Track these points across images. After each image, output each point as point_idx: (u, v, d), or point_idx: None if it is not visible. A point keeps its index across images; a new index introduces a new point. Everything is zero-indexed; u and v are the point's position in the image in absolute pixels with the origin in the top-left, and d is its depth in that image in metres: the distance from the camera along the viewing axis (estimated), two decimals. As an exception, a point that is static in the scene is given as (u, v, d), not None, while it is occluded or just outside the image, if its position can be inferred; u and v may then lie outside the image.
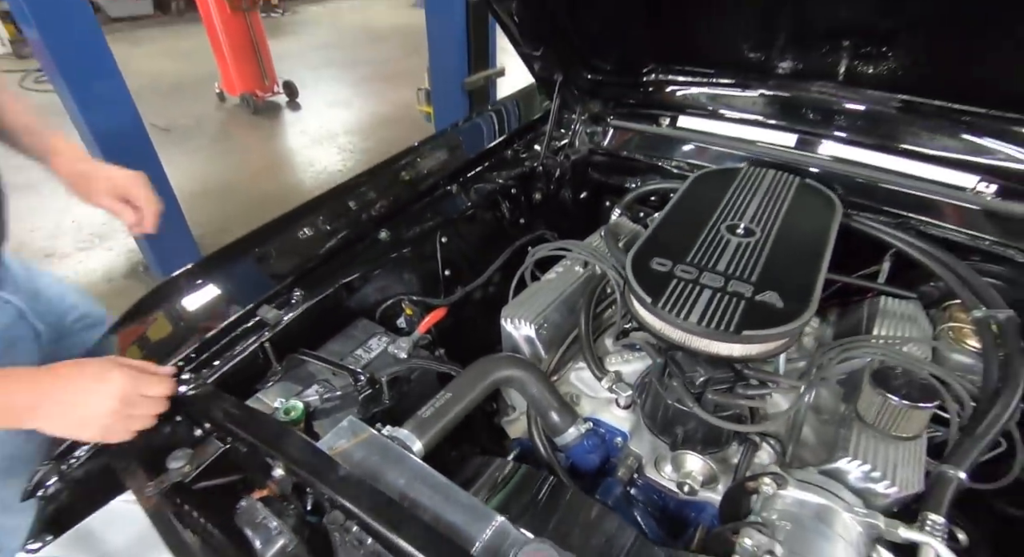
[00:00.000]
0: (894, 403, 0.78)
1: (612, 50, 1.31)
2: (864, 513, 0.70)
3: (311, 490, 0.74)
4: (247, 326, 0.95)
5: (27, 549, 0.72)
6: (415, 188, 1.29)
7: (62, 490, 0.77)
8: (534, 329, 1.01)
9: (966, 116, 1.04)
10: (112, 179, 0.98)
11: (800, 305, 0.80)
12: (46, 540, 0.73)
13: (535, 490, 0.78)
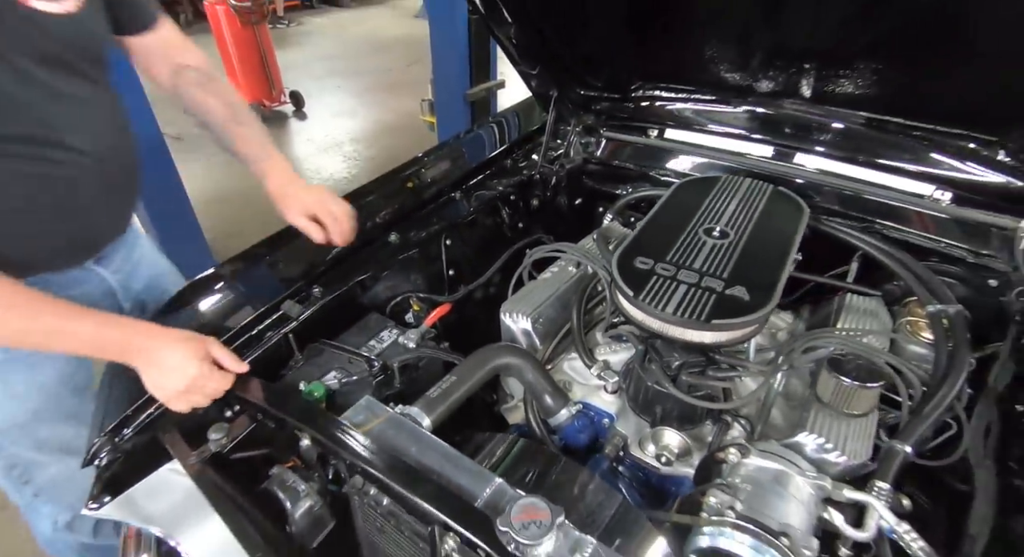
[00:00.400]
0: (846, 384, 0.89)
1: (603, 69, 1.42)
2: (814, 476, 0.80)
3: (334, 459, 0.85)
4: (272, 319, 1.06)
5: (88, 509, 0.83)
6: (422, 195, 1.40)
7: (115, 459, 0.88)
8: (530, 322, 1.12)
9: (919, 131, 1.15)
10: (303, 201, 1.09)
11: (764, 298, 0.91)
12: (103, 502, 0.83)
13: (531, 460, 0.88)
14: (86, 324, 0.82)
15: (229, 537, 0.91)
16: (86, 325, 0.82)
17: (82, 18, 0.91)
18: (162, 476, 0.89)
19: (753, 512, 0.76)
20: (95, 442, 0.87)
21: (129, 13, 1.04)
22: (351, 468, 0.80)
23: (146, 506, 0.88)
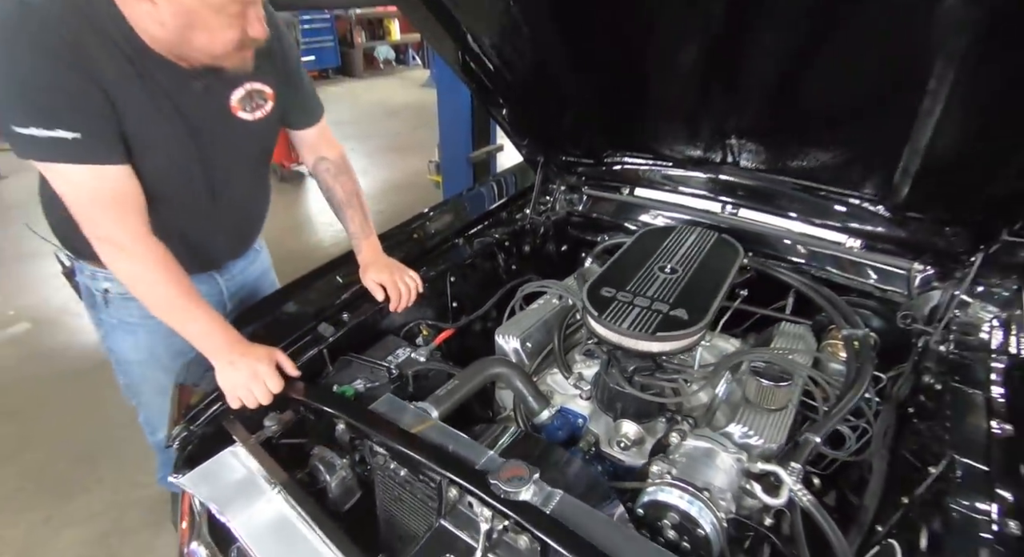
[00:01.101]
0: (764, 384, 1.13)
1: (580, 140, 1.74)
2: (735, 452, 1.03)
3: (360, 444, 1.08)
4: (310, 337, 1.31)
5: (172, 477, 1.06)
6: (431, 240, 1.68)
7: (190, 441, 1.11)
8: (520, 343, 1.37)
9: (827, 193, 1.44)
10: (380, 274, 1.40)
11: (699, 317, 1.16)
12: (184, 473, 1.06)
13: (518, 442, 1.11)
14: (196, 321, 1.09)
15: (269, 520, 1.14)
16: (196, 321, 1.09)
17: (268, 121, 1.26)
18: (224, 457, 1.12)
19: (685, 476, 0.98)
20: (176, 428, 1.11)
21: (299, 116, 1.38)
22: (372, 452, 1.04)
23: (209, 483, 1.11)
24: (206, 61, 1.06)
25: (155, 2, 0.94)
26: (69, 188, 1.00)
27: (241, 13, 1.00)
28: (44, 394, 2.49)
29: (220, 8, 0.96)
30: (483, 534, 0.88)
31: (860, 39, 0.98)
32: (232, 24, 1.00)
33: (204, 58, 1.05)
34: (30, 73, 0.92)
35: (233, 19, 0.99)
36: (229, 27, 1.00)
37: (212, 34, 1.00)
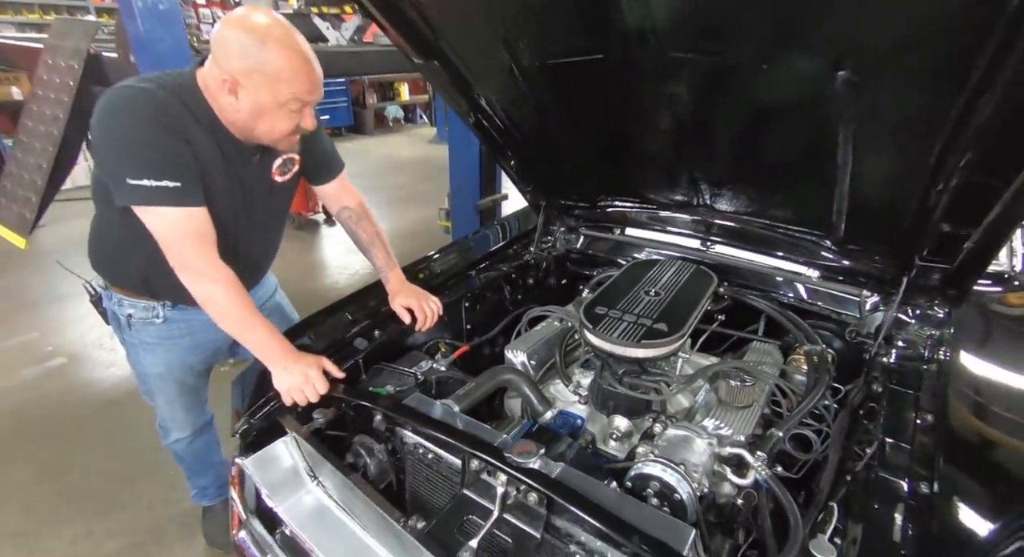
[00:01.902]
0: (732, 384, 1.35)
1: (577, 187, 2.01)
2: (707, 437, 1.24)
3: (395, 430, 1.28)
4: (348, 349, 1.53)
5: (238, 459, 1.26)
6: (447, 273, 1.92)
7: (251, 431, 1.32)
8: (526, 356, 1.59)
9: (786, 231, 1.69)
10: (407, 298, 1.63)
11: (677, 329, 1.39)
12: (247, 456, 1.26)
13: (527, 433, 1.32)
14: (258, 334, 1.31)
15: (311, 508, 1.34)
16: (258, 335, 1.31)
17: (293, 181, 1.56)
18: (279, 445, 1.33)
19: (665, 455, 1.19)
20: (241, 420, 1.32)
21: (321, 172, 1.65)
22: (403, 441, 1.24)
23: (269, 463, 1.31)
24: (264, 142, 1.35)
25: (238, 97, 1.24)
26: (165, 226, 1.25)
27: (299, 111, 1.28)
28: (82, 421, 2.67)
29: (284, 105, 1.25)
30: (499, 497, 1.07)
31: (789, 116, 1.27)
32: (291, 118, 1.28)
33: (264, 140, 1.34)
34: (145, 138, 1.20)
35: (293, 114, 1.28)
36: (288, 120, 1.28)
37: (274, 124, 1.29)
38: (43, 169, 2.83)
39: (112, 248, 1.48)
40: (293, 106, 1.26)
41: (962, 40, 0.84)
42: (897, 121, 1.07)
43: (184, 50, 2.50)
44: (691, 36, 1.12)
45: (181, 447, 1.85)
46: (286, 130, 1.31)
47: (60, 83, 2.86)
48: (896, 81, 0.98)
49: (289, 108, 1.26)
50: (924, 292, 1.44)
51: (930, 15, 0.85)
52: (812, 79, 1.07)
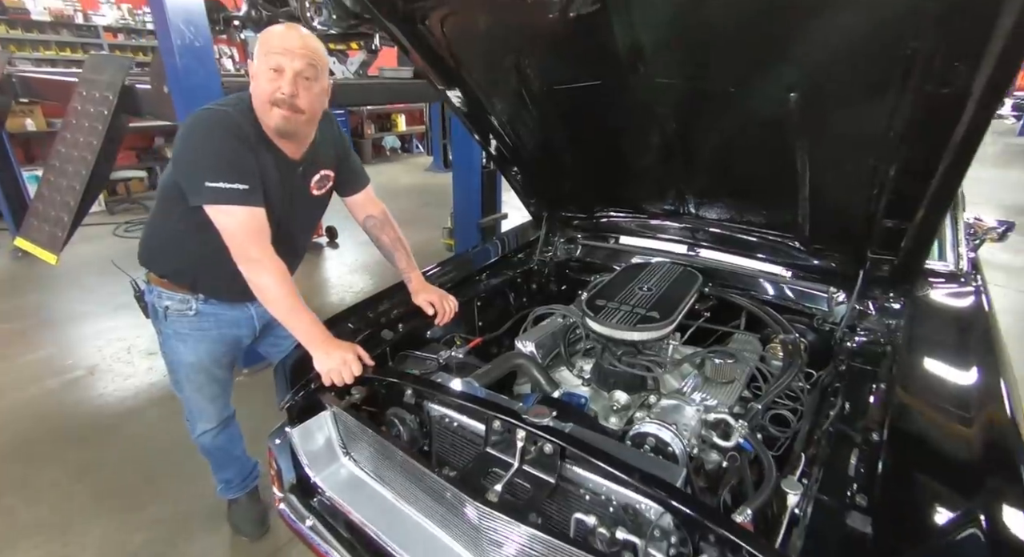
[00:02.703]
0: (716, 363, 1.55)
1: (576, 199, 2.25)
2: (696, 406, 1.43)
3: (425, 402, 1.46)
4: (377, 339, 1.72)
5: (287, 429, 1.43)
6: (459, 278, 2.12)
7: (295, 407, 1.50)
8: (534, 346, 1.79)
9: (761, 235, 1.92)
10: (428, 295, 1.83)
11: (667, 317, 1.59)
12: (294, 426, 1.44)
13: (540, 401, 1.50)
14: (303, 321, 1.49)
15: (344, 478, 1.52)
16: (303, 322, 1.49)
17: (327, 195, 1.78)
18: (320, 418, 1.51)
19: (659, 418, 1.38)
20: (287, 395, 1.50)
21: (348, 186, 1.86)
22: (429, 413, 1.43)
23: (310, 434, 1.49)
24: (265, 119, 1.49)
25: (256, 77, 1.46)
26: (233, 222, 1.45)
27: (279, 70, 1.43)
28: (106, 426, 2.81)
29: (263, 62, 1.43)
30: (519, 451, 1.26)
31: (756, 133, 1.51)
32: (272, 80, 1.44)
33: (262, 113, 1.49)
34: (222, 149, 1.42)
35: (273, 75, 1.43)
36: (268, 81, 1.45)
37: (259, 85, 1.46)
38: (76, 190, 3.04)
39: (166, 244, 1.67)
40: (271, 63, 1.43)
41: (881, 70, 1.08)
42: (838, 134, 1.31)
43: (215, 80, 2.75)
44: (673, 65, 1.36)
45: (207, 440, 1.99)
46: (267, 91, 1.45)
47: (95, 112, 3.10)
48: (834, 101, 1.21)
49: (268, 68, 1.43)
50: (879, 284, 1.66)
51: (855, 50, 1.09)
52: (770, 100, 1.31)
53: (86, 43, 6.85)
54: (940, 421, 1.28)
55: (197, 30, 2.65)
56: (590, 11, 1.14)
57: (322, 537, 1.48)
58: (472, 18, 1.45)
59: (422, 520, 1.44)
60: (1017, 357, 3.28)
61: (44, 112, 6.42)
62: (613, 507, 1.17)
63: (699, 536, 1.07)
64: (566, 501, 1.23)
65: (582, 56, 1.44)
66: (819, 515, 1.06)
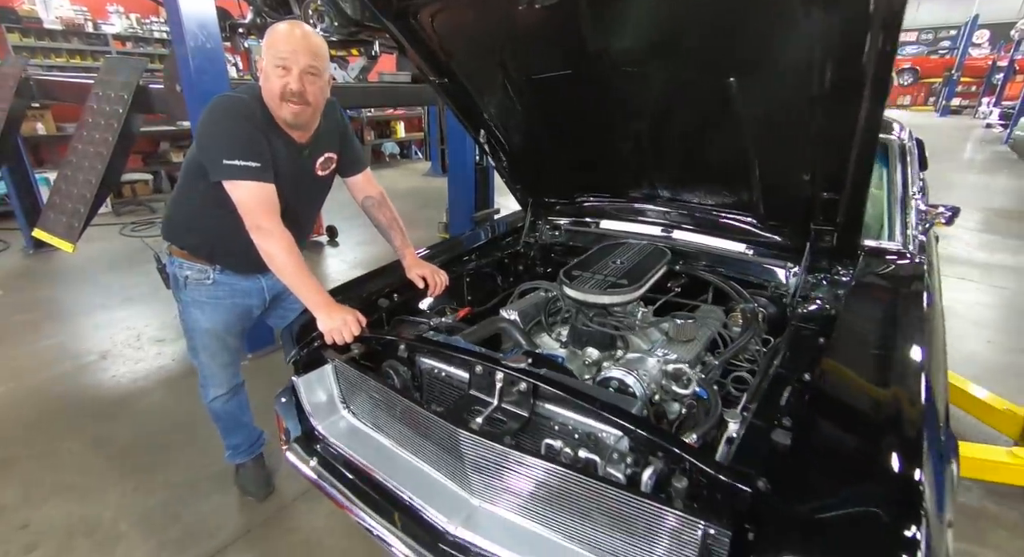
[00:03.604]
0: (677, 323, 1.73)
1: (558, 187, 2.44)
2: (658, 358, 1.61)
3: (417, 357, 1.64)
4: (373, 307, 1.90)
5: (294, 378, 1.61)
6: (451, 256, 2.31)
7: (300, 360, 1.68)
8: (517, 314, 1.97)
9: (726, 215, 2.11)
10: (421, 270, 2.01)
11: (634, 284, 1.78)
12: (300, 377, 1.62)
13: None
14: (308, 286, 1.67)
15: (344, 428, 1.70)
16: (308, 286, 1.67)
17: (330, 176, 1.97)
18: (321, 371, 1.69)
19: (624, 366, 1.56)
20: (293, 350, 1.68)
21: (350, 168, 2.04)
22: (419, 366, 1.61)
23: (314, 384, 1.67)
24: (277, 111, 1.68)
25: (266, 73, 1.64)
26: (246, 195, 1.64)
27: (286, 68, 1.62)
28: (119, 403, 2.98)
29: (271, 60, 1.62)
30: (498, 391, 1.44)
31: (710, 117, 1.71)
32: (280, 77, 1.63)
33: (274, 106, 1.67)
34: (238, 131, 1.61)
35: (281, 73, 1.62)
36: (277, 78, 1.64)
37: (268, 81, 1.65)
38: (92, 184, 3.23)
39: (188, 220, 1.85)
40: (278, 61, 1.62)
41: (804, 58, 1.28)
42: (772, 116, 1.51)
43: (224, 80, 2.96)
44: (634, 54, 1.56)
45: (219, 405, 2.17)
46: (276, 87, 1.64)
47: (110, 111, 3.30)
48: (765, 87, 1.41)
49: (276, 66, 1.63)
50: (825, 255, 1.84)
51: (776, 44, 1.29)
52: (714, 85, 1.50)
53: (95, 51, 7.08)
54: (861, 368, 1.46)
55: (209, 34, 2.86)
56: (553, 3, 1.33)
57: (324, 478, 1.65)
58: (456, 13, 1.65)
59: (414, 460, 1.62)
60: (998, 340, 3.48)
61: (54, 117, 6.65)
62: (578, 435, 1.35)
63: (650, 453, 1.25)
64: (538, 432, 1.41)
65: (554, 46, 1.64)
66: (750, 433, 1.25)
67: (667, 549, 1.16)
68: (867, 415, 1.29)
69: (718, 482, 1.13)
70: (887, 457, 1.11)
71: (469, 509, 1.44)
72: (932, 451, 1.15)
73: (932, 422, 1.25)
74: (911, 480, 1.04)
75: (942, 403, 1.40)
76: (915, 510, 0.97)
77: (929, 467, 1.09)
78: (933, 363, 1.49)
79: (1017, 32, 15.36)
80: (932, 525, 0.98)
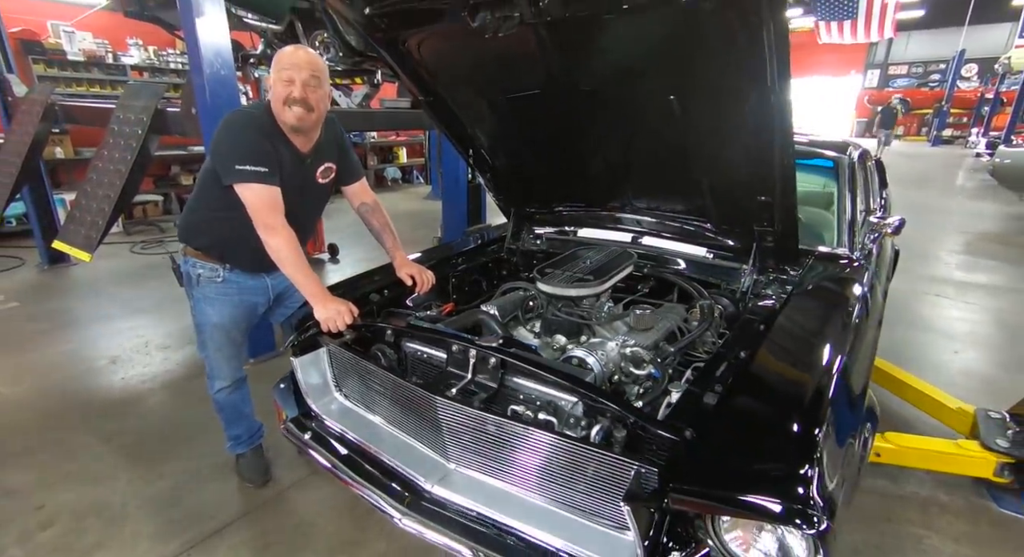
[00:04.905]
0: (637, 313, 1.94)
1: (538, 197, 2.67)
2: (617, 343, 1.81)
3: (403, 342, 1.84)
4: (366, 301, 2.11)
5: (293, 358, 1.81)
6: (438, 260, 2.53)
7: (298, 344, 1.88)
8: (496, 309, 2.17)
9: (689, 223, 2.33)
10: (409, 269, 2.23)
11: (600, 281, 1.99)
12: (298, 359, 1.82)
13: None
14: (307, 278, 1.88)
15: (337, 408, 1.89)
16: (307, 278, 1.88)
17: (329, 183, 2.20)
18: (319, 353, 1.89)
19: (586, 348, 1.76)
20: (292, 335, 1.89)
21: (347, 177, 2.28)
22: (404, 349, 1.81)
23: (310, 365, 1.86)
24: (281, 116, 1.91)
25: (273, 87, 1.88)
26: (255, 196, 1.86)
27: (290, 80, 1.86)
28: (129, 402, 3.16)
29: (278, 76, 1.87)
30: (471, 367, 1.64)
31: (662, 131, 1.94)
32: (285, 87, 1.87)
33: (278, 111, 1.91)
34: (248, 140, 1.85)
35: (286, 85, 1.86)
36: (282, 88, 1.88)
37: (275, 91, 1.89)
38: (111, 199, 3.48)
39: (202, 224, 2.08)
40: (283, 77, 1.86)
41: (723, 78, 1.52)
42: (708, 128, 1.74)
43: (235, 104, 3.23)
44: (590, 75, 1.81)
45: (223, 396, 2.35)
46: (282, 95, 1.87)
47: (130, 132, 3.57)
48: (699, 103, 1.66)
49: (282, 78, 1.87)
50: (770, 255, 2.05)
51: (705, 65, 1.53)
52: (659, 103, 1.74)
53: (114, 80, 7.47)
54: (789, 350, 1.65)
55: (223, 62, 3.14)
56: (513, 32, 1.58)
57: (318, 451, 1.84)
58: (437, 41, 1.91)
59: (398, 433, 1.81)
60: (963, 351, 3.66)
61: (72, 141, 6.99)
62: (540, 402, 1.55)
63: (599, 414, 1.44)
64: (505, 401, 1.60)
65: (522, 69, 1.89)
66: (686, 396, 1.44)
67: (608, 486, 1.35)
68: (786, 385, 1.49)
69: (655, 434, 1.32)
70: (795, 416, 1.30)
71: (445, 471, 1.63)
72: (840, 418, 1.35)
73: (843, 395, 1.44)
74: (811, 435, 1.22)
75: (859, 382, 1.61)
76: (810, 456, 1.15)
77: (832, 429, 1.27)
78: (857, 349, 1.69)
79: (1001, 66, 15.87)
80: (827, 472, 1.16)
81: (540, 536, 1.40)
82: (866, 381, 1.67)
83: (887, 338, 3.92)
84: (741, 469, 1.21)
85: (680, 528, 1.32)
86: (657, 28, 1.55)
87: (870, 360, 1.83)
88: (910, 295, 4.95)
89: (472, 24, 1.61)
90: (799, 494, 1.09)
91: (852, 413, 1.50)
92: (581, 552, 1.34)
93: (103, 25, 7.49)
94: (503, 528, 1.45)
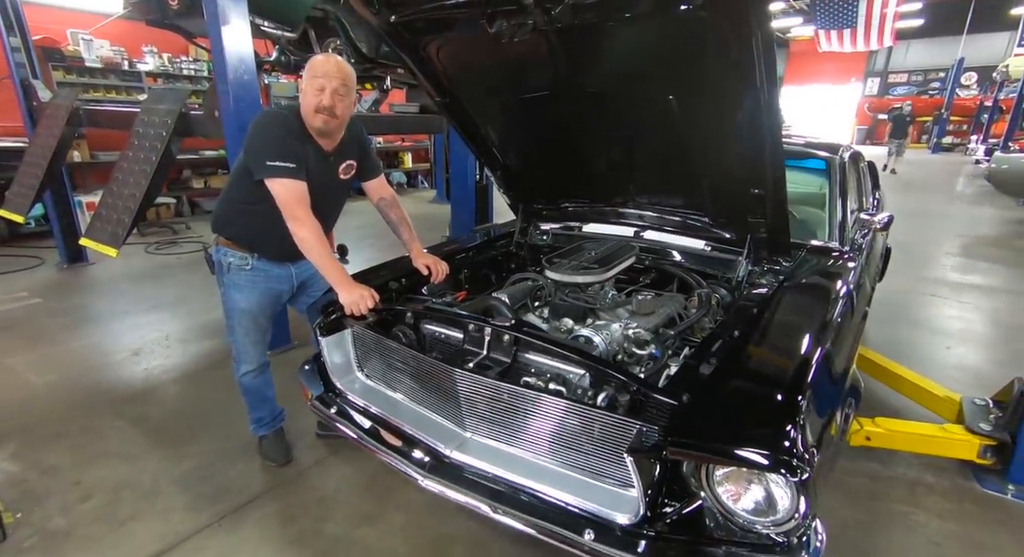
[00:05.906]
0: (638, 298, 2.08)
1: (545, 193, 2.83)
2: (621, 325, 1.95)
3: (422, 323, 1.98)
4: (385, 288, 2.26)
5: (320, 338, 1.96)
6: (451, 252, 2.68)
7: (324, 326, 2.03)
8: (507, 297, 2.32)
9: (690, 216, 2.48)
10: (425, 260, 2.39)
11: (604, 269, 2.14)
12: (325, 339, 1.96)
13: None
14: (333, 266, 2.03)
15: (360, 386, 2.04)
16: (333, 266, 2.03)
17: (350, 179, 2.35)
18: (342, 334, 2.04)
19: (592, 328, 1.90)
20: (318, 320, 2.03)
21: (367, 173, 2.43)
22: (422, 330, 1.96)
23: (335, 345, 2.01)
24: (310, 120, 2.07)
25: (305, 92, 2.04)
26: (284, 190, 2.02)
27: (322, 88, 2.02)
28: (152, 391, 3.31)
29: (310, 83, 2.02)
30: (486, 344, 1.78)
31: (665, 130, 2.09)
32: (315, 95, 2.03)
33: (308, 116, 2.07)
34: (279, 138, 2.01)
35: (317, 93, 2.02)
36: (313, 95, 2.04)
37: (306, 98, 2.04)
38: (136, 198, 3.65)
39: (234, 216, 2.24)
40: (315, 84, 2.01)
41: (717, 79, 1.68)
42: (705, 126, 1.90)
43: (256, 107, 3.39)
44: (596, 77, 1.97)
45: (248, 379, 2.49)
46: (312, 103, 2.03)
47: (155, 134, 3.74)
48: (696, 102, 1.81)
49: (312, 86, 2.02)
50: (764, 245, 2.20)
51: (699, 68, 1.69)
52: (660, 103, 1.90)
53: (130, 86, 7.67)
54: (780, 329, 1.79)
55: (246, 67, 3.31)
56: (526, 38, 1.74)
57: (342, 424, 1.98)
58: (456, 46, 2.07)
59: (419, 408, 1.95)
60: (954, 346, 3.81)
61: (89, 146, 7.18)
62: (550, 375, 1.69)
63: (604, 384, 1.59)
64: (518, 374, 1.74)
65: (534, 72, 2.05)
66: (684, 368, 1.59)
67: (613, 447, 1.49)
68: (774, 359, 1.63)
69: (656, 399, 1.46)
70: (781, 385, 1.44)
71: (462, 439, 1.77)
72: (822, 389, 1.49)
73: (825, 370, 1.58)
74: (795, 400, 1.36)
75: (843, 361, 1.75)
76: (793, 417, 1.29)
77: (814, 397, 1.41)
78: (842, 332, 1.83)
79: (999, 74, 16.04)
80: (809, 432, 1.30)
81: (552, 493, 1.54)
82: (849, 362, 1.81)
83: (884, 334, 4.10)
84: (732, 427, 1.35)
85: (676, 485, 1.46)
86: (657, 35, 1.71)
87: (855, 342, 1.97)
88: (907, 295, 5.09)
89: (489, 30, 1.76)
90: (784, 447, 1.23)
91: (834, 387, 1.64)
92: (589, 505, 1.48)
93: (119, 33, 7.70)
94: (518, 487, 1.59)
